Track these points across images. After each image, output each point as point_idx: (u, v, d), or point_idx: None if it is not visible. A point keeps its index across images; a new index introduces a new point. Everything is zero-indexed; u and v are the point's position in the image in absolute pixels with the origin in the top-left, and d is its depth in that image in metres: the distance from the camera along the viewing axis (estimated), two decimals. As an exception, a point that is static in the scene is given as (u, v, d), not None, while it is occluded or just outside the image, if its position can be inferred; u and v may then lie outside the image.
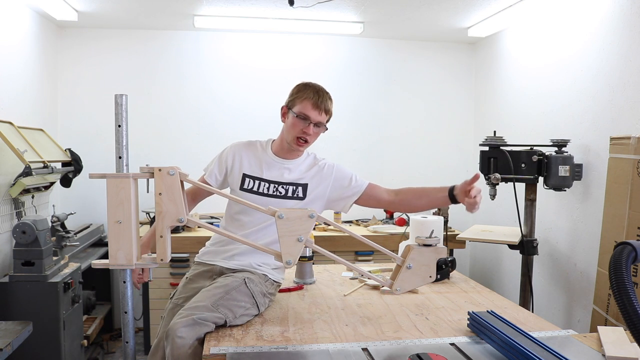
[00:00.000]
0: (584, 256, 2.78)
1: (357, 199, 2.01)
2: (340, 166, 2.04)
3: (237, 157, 1.99)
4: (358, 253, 3.45)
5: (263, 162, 1.98)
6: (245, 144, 2.04)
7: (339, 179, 2.00)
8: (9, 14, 2.96)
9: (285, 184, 1.95)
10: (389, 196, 2.02)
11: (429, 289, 2.15)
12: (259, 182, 1.95)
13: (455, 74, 4.18)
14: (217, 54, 3.89)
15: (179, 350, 1.51)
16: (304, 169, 2.00)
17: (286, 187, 1.95)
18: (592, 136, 2.72)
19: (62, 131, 3.73)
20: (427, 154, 4.17)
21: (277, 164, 1.97)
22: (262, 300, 1.80)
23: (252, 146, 2.03)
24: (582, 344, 1.52)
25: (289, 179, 1.96)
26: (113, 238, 1.42)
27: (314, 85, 1.94)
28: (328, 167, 2.01)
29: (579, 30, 2.82)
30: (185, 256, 3.26)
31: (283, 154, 1.99)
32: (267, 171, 1.96)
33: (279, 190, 1.94)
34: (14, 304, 2.39)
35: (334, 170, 2.01)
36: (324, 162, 2.03)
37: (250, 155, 2.00)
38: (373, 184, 2.04)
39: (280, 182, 1.95)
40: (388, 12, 3.34)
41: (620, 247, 1.06)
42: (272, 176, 1.96)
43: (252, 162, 1.98)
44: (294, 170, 1.98)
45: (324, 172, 1.99)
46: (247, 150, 2.01)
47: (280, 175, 1.96)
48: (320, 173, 1.99)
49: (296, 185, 1.96)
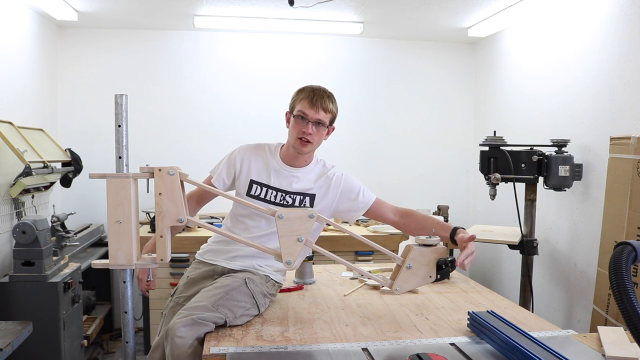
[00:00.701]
0: (584, 256, 2.78)
1: (364, 214, 2.00)
2: (349, 178, 2.01)
3: (246, 161, 1.96)
4: (358, 253, 3.45)
5: (271, 168, 1.95)
6: (254, 147, 2.00)
7: (346, 191, 1.97)
8: (9, 14, 2.96)
9: (293, 193, 1.93)
10: (393, 216, 2.01)
11: (429, 289, 2.15)
12: (266, 190, 1.93)
13: (455, 74, 4.18)
14: (217, 54, 3.89)
15: (179, 350, 1.51)
16: (312, 177, 1.97)
17: (293, 197, 1.93)
18: (592, 136, 2.72)
19: (62, 131, 3.73)
20: (427, 154, 4.17)
21: (285, 172, 1.94)
22: (263, 301, 1.80)
23: (260, 150, 1.99)
24: (582, 344, 1.52)
25: (297, 189, 1.93)
26: (113, 238, 1.42)
27: (313, 86, 1.93)
28: (337, 178, 1.98)
29: (579, 30, 2.82)
30: (185, 256, 3.26)
31: (291, 161, 1.95)
32: (275, 179, 1.93)
33: (286, 199, 1.92)
34: (14, 304, 2.39)
35: (342, 182, 1.98)
36: (334, 171, 2.00)
37: (258, 160, 1.97)
38: (380, 200, 2.02)
39: (288, 191, 1.93)
40: (388, 12, 3.34)
41: (620, 247, 1.06)
42: (280, 184, 1.93)
43: (260, 168, 1.95)
44: (302, 179, 1.95)
45: (332, 183, 1.97)
46: (256, 155, 1.97)
47: (289, 184, 1.93)
48: (328, 183, 1.96)
49: (304, 195, 1.93)
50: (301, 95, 1.90)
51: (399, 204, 4.23)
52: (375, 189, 4.23)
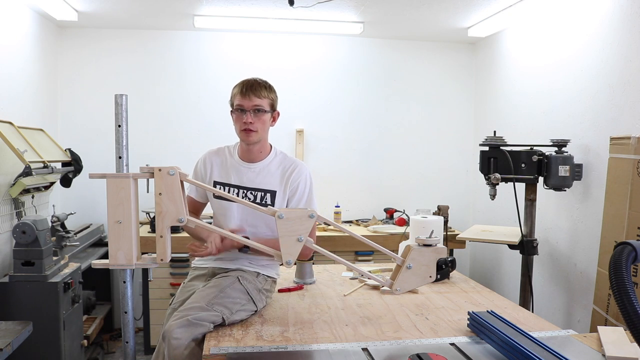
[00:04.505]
0: (584, 256, 2.78)
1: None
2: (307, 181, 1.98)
3: (208, 164, 2.02)
4: (358, 253, 3.45)
5: (231, 167, 1.99)
6: (215, 151, 2.06)
7: (294, 192, 1.95)
8: (9, 14, 2.96)
9: (254, 189, 1.95)
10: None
11: (429, 289, 2.15)
12: (228, 188, 1.96)
13: (455, 74, 4.17)
14: (217, 54, 3.89)
15: (175, 351, 1.51)
16: (272, 170, 1.97)
17: (255, 193, 1.95)
18: (592, 136, 2.71)
19: (62, 131, 3.73)
20: (427, 153, 4.17)
21: (243, 168, 1.98)
22: (258, 296, 1.82)
23: (220, 152, 2.05)
24: (582, 344, 1.53)
25: (257, 184, 1.95)
26: (113, 238, 1.42)
27: (246, 78, 1.96)
28: (296, 175, 1.95)
29: (579, 30, 2.82)
30: (185, 256, 3.26)
31: (247, 156, 1.98)
32: (235, 176, 1.97)
33: (247, 196, 1.95)
34: (14, 304, 2.38)
35: (299, 182, 1.96)
36: (295, 166, 1.97)
37: (219, 161, 2.02)
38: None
39: (249, 187, 1.95)
40: (388, 12, 3.34)
41: (620, 247, 1.06)
42: (240, 181, 1.96)
43: (221, 168, 2.00)
44: (260, 172, 1.96)
45: (291, 178, 1.95)
46: (217, 157, 2.03)
47: (249, 180, 1.95)
48: (284, 177, 1.96)
49: (264, 191, 1.95)
50: (234, 91, 1.96)
51: (399, 204, 4.23)
52: (376, 188, 4.26)
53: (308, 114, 3.95)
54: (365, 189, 4.09)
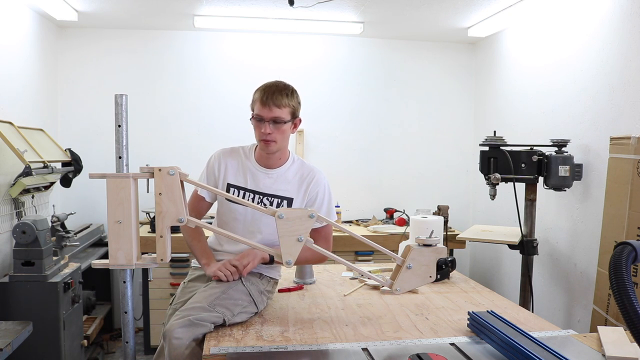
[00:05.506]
0: (584, 256, 2.78)
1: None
2: (326, 190, 1.95)
3: (223, 165, 1.94)
4: (358, 253, 3.45)
5: (247, 171, 1.93)
6: (229, 151, 1.98)
7: (313, 200, 1.93)
8: (9, 14, 2.96)
9: (270, 196, 1.91)
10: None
11: (429, 289, 2.15)
12: (243, 192, 1.91)
13: (455, 74, 4.17)
14: (217, 54, 3.89)
15: (176, 351, 1.51)
16: (289, 177, 1.93)
17: (271, 200, 1.91)
18: (592, 136, 2.71)
19: (62, 131, 3.73)
20: (427, 153, 4.17)
21: (261, 173, 1.92)
22: (260, 298, 1.81)
23: (236, 153, 1.97)
24: (582, 344, 1.53)
25: (275, 190, 1.91)
26: (113, 238, 1.42)
27: (267, 83, 1.87)
28: (314, 184, 1.93)
29: (579, 30, 2.82)
30: (185, 256, 3.26)
31: (265, 162, 1.92)
32: (251, 181, 1.92)
33: (263, 202, 1.91)
34: (14, 304, 2.38)
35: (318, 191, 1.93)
36: (313, 175, 1.94)
37: (234, 163, 1.94)
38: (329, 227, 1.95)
39: (266, 193, 1.91)
40: (388, 12, 3.34)
41: (620, 247, 1.06)
42: (256, 186, 1.91)
43: (236, 171, 1.93)
44: (278, 179, 1.92)
45: (310, 187, 1.93)
46: (232, 159, 1.95)
47: (265, 186, 1.91)
48: (303, 185, 1.93)
49: (281, 198, 1.91)
50: (255, 96, 1.87)
51: (399, 204, 4.22)
52: (375, 188, 4.26)
53: (308, 114, 3.92)
54: (365, 189, 4.09)
